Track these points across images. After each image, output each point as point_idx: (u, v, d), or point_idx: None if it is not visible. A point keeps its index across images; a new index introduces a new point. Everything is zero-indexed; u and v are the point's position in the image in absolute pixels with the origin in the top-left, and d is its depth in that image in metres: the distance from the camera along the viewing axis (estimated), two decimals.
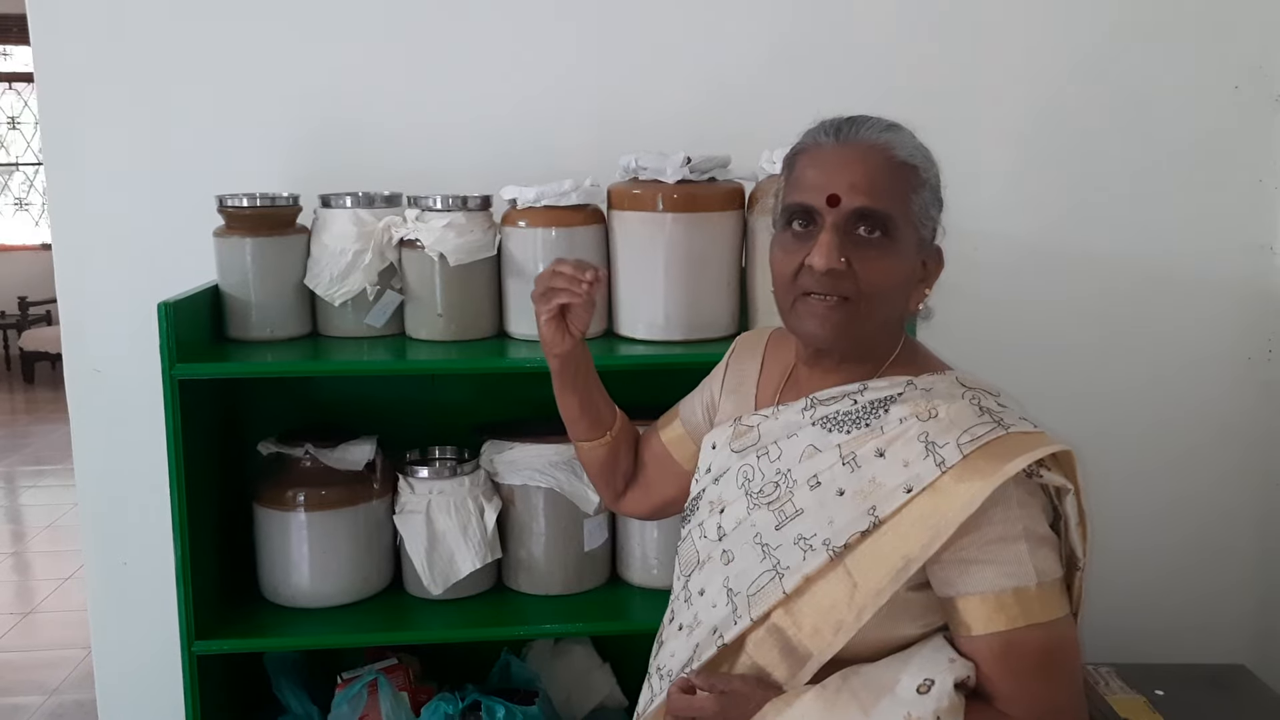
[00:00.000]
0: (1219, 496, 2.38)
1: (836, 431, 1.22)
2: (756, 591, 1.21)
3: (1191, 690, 1.96)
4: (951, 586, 1.14)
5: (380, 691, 1.94)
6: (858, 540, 1.16)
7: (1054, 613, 1.13)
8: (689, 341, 1.89)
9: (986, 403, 1.19)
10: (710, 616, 1.26)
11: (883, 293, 1.19)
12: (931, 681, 1.12)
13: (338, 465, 1.92)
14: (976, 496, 1.11)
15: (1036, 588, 1.12)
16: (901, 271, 1.20)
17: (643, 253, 1.89)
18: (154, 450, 1.99)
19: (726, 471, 1.32)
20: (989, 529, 1.12)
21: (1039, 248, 2.26)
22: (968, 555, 1.13)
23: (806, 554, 1.18)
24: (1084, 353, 2.30)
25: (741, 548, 1.25)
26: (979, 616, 1.13)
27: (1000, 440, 1.14)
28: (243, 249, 1.90)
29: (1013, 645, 1.12)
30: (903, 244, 1.19)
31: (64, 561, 4.61)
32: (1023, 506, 1.13)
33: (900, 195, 1.18)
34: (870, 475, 1.17)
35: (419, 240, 1.89)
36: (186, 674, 1.79)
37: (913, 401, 1.20)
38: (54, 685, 3.45)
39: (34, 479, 5.94)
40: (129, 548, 2.20)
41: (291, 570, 1.92)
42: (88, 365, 2.15)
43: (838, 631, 1.16)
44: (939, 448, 1.15)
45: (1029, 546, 1.13)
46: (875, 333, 1.24)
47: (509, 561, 2.00)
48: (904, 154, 1.19)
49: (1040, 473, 1.15)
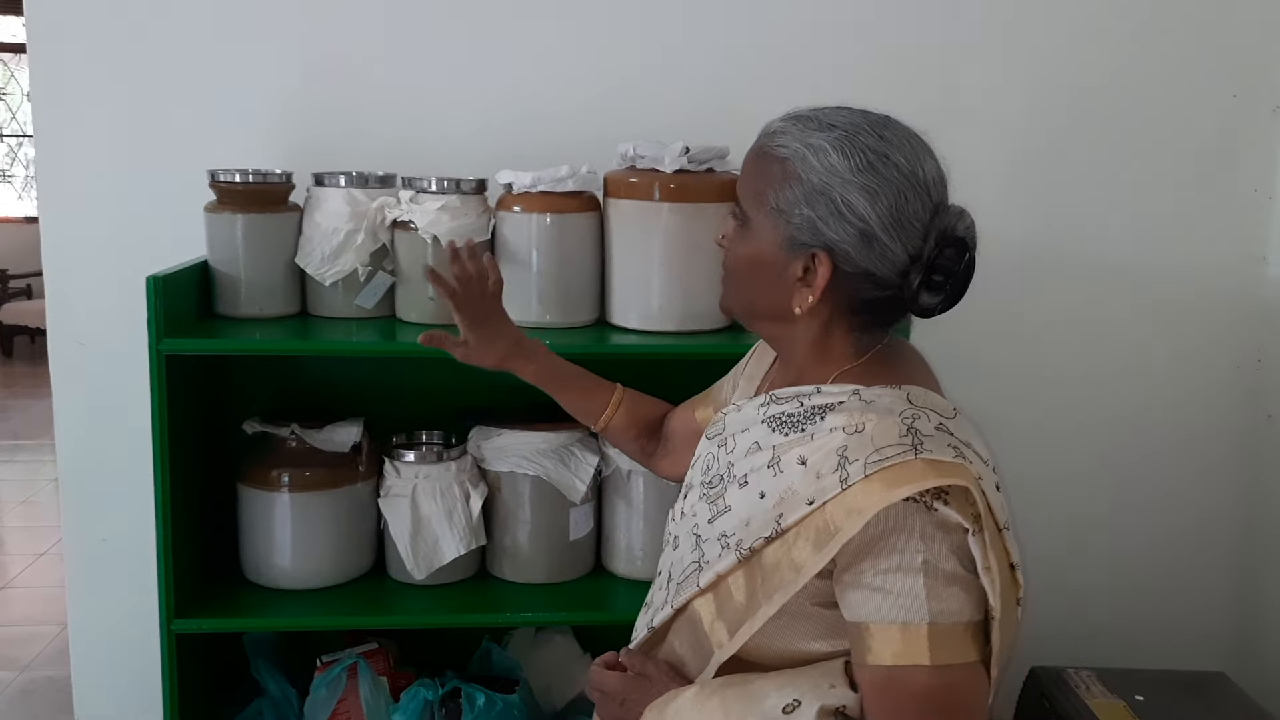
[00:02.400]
0: (1203, 504, 2.39)
1: (777, 433, 1.19)
2: (683, 580, 1.21)
3: (1171, 696, 1.97)
4: (850, 610, 1.09)
5: (360, 675, 1.93)
6: (762, 545, 1.13)
7: (949, 658, 1.05)
8: (682, 332, 1.88)
9: (921, 424, 1.12)
10: (655, 599, 1.28)
11: (733, 274, 1.22)
12: (798, 703, 1.09)
13: (323, 446, 1.90)
14: (860, 517, 1.05)
15: (929, 627, 1.05)
16: (752, 259, 1.18)
17: (637, 242, 1.88)
18: (136, 426, 1.97)
19: (699, 458, 1.32)
20: (889, 557, 1.06)
21: (1030, 253, 2.26)
22: (866, 580, 1.07)
23: (723, 551, 1.17)
24: (1069, 358, 2.31)
25: (684, 535, 1.26)
26: (868, 645, 1.07)
27: (905, 465, 1.07)
28: (234, 225, 1.88)
29: (894, 682, 1.06)
30: (757, 233, 1.16)
31: (39, 537, 4.56)
32: (926, 540, 1.05)
33: (757, 187, 1.16)
34: (788, 483, 1.14)
35: (412, 222, 1.87)
36: (165, 652, 1.77)
37: (849, 412, 1.14)
38: (26, 661, 3.41)
39: (10, 454, 5.87)
40: (109, 524, 2.18)
41: (274, 551, 1.90)
42: (72, 339, 2.13)
43: (734, 633, 1.14)
44: (849, 463, 1.09)
45: (926, 583, 1.05)
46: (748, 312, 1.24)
47: (493, 548, 1.99)
48: (776, 147, 1.15)
49: (936, 506, 1.05)
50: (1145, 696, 1.95)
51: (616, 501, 2.00)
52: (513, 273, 1.89)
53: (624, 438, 1.59)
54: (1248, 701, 2.00)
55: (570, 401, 1.58)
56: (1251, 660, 2.36)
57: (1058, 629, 2.20)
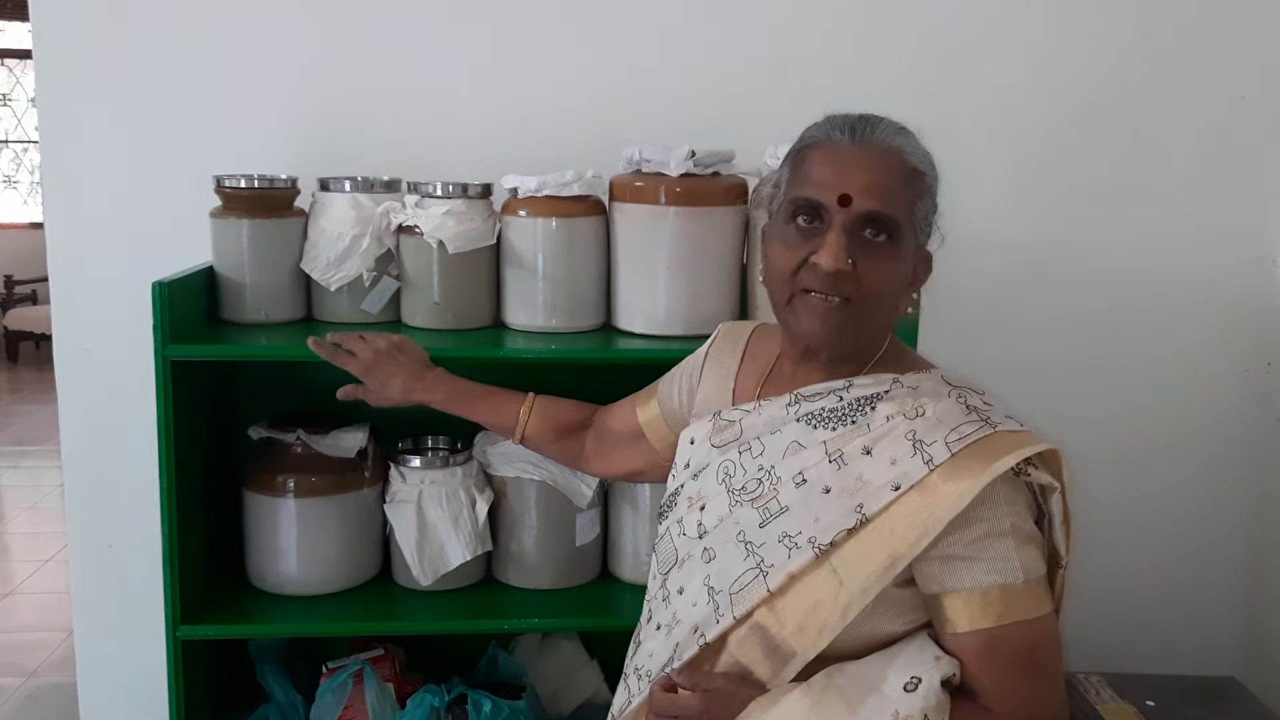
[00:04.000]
0: (1213, 508, 2.37)
1: (822, 428, 1.21)
2: (739, 590, 1.20)
3: (1182, 701, 1.96)
4: (937, 583, 1.14)
5: (366, 682, 1.92)
6: (844, 538, 1.15)
7: (1038, 610, 1.14)
8: (688, 336, 1.87)
9: (973, 401, 1.19)
10: (690, 615, 1.25)
11: (882, 296, 1.19)
12: (919, 680, 1.12)
13: (329, 452, 1.90)
14: (965, 494, 1.11)
15: (1022, 585, 1.12)
16: (901, 276, 1.21)
17: (643, 246, 1.87)
18: (142, 432, 1.96)
19: (706, 467, 1.31)
20: (976, 526, 1.12)
21: (1035, 256, 2.26)
22: (954, 552, 1.13)
23: (791, 552, 1.17)
24: (1077, 362, 2.30)
25: (723, 545, 1.24)
26: (964, 613, 1.13)
27: (988, 439, 1.14)
28: (239, 230, 1.87)
29: (997, 642, 1.13)
30: (905, 249, 1.19)
31: (44, 543, 4.56)
32: (1009, 504, 1.13)
33: (908, 201, 1.18)
34: (857, 473, 1.17)
35: (418, 227, 1.87)
36: (171, 659, 1.76)
37: (899, 399, 1.20)
38: (32, 668, 3.42)
39: (15, 459, 5.88)
40: (114, 530, 2.18)
41: (279, 557, 1.90)
42: (78, 345, 2.13)
43: (822, 630, 1.15)
44: (927, 446, 1.15)
45: (1015, 544, 1.13)
46: (868, 334, 1.24)
47: (499, 554, 1.98)
48: (915, 160, 1.19)
49: (1028, 471, 1.15)
50: (1156, 702, 1.94)
51: (623, 507, 1.99)
52: (518, 277, 1.90)
53: (543, 443, 1.67)
54: (1259, 706, 1.99)
55: (484, 418, 1.69)
56: (1262, 665, 2.35)
57: (1067, 635, 2.18)
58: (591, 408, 1.67)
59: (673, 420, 1.49)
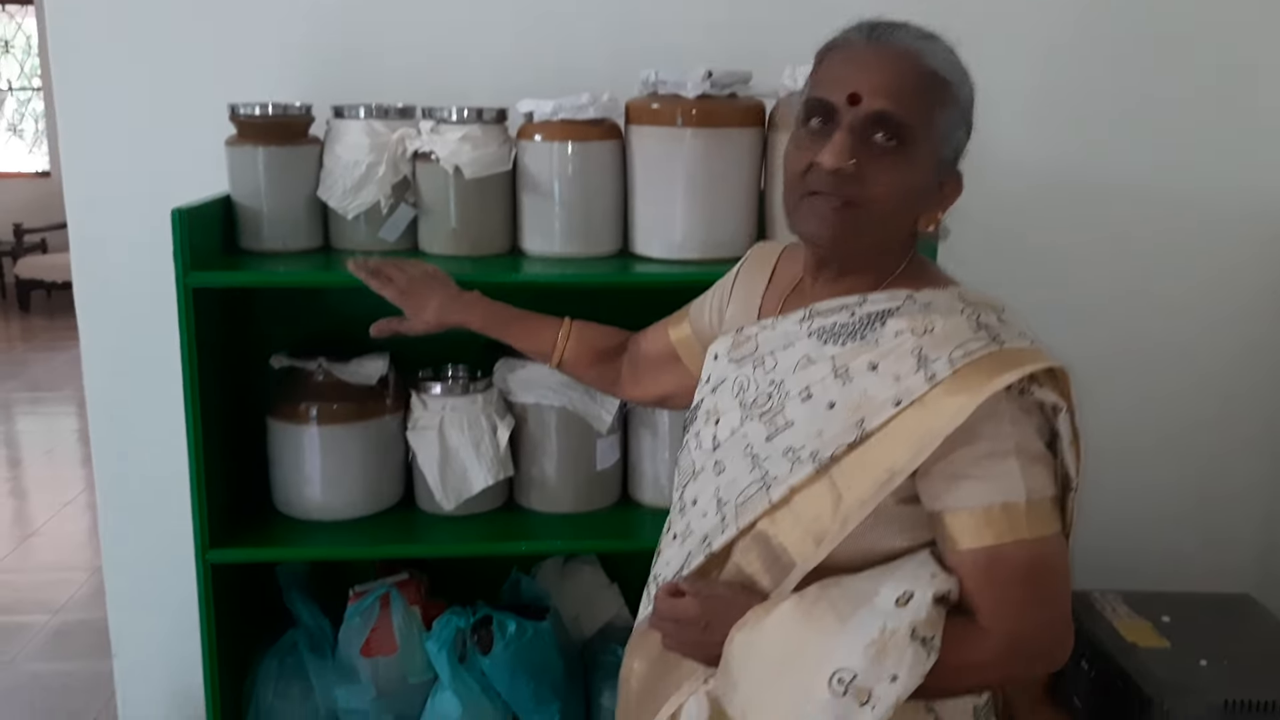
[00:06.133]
0: (1233, 430, 2.38)
1: (831, 343, 1.21)
2: (744, 501, 1.21)
3: (1197, 616, 1.97)
4: (940, 501, 1.13)
5: (392, 605, 1.95)
6: (844, 452, 1.15)
7: (1043, 530, 1.12)
8: (705, 261, 1.87)
9: (985, 319, 1.17)
10: (701, 525, 1.27)
11: (888, 203, 1.15)
12: (910, 594, 1.12)
13: (351, 380, 1.91)
14: (963, 409, 1.09)
15: (1026, 504, 1.11)
16: (911, 185, 1.16)
17: (660, 169, 1.86)
18: (164, 364, 1.98)
19: (724, 382, 1.31)
20: (980, 444, 1.11)
21: (1055, 178, 2.23)
22: (958, 470, 1.11)
23: (794, 465, 1.17)
24: (1099, 286, 2.29)
25: (732, 458, 1.25)
26: (966, 530, 1.12)
27: (993, 355, 1.12)
28: (255, 158, 1.87)
29: (998, 560, 1.11)
30: (918, 157, 1.15)
31: (63, 486, 4.61)
32: (1015, 423, 1.12)
33: (924, 106, 1.14)
34: (862, 388, 1.16)
35: (433, 153, 1.86)
36: (201, 583, 1.79)
37: (910, 316, 1.18)
38: (58, 605, 3.47)
39: (31, 405, 5.93)
40: (139, 463, 2.19)
41: (304, 484, 1.92)
42: (97, 280, 2.13)
43: (821, 542, 1.16)
44: (931, 361, 1.13)
45: (1020, 463, 1.11)
46: (879, 245, 1.21)
47: (521, 479, 2.00)
48: (936, 64, 1.15)
49: (1032, 389, 1.13)
50: (1171, 617, 1.96)
51: (642, 432, 2.01)
52: (534, 203, 1.89)
53: (580, 368, 1.64)
54: (1274, 622, 2.01)
55: (520, 341, 1.65)
56: (1278, 582, 2.37)
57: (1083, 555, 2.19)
58: (626, 333, 1.65)
59: (704, 340, 1.48)
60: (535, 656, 1.93)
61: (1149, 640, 1.88)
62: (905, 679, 1.09)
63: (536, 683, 1.92)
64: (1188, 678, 1.76)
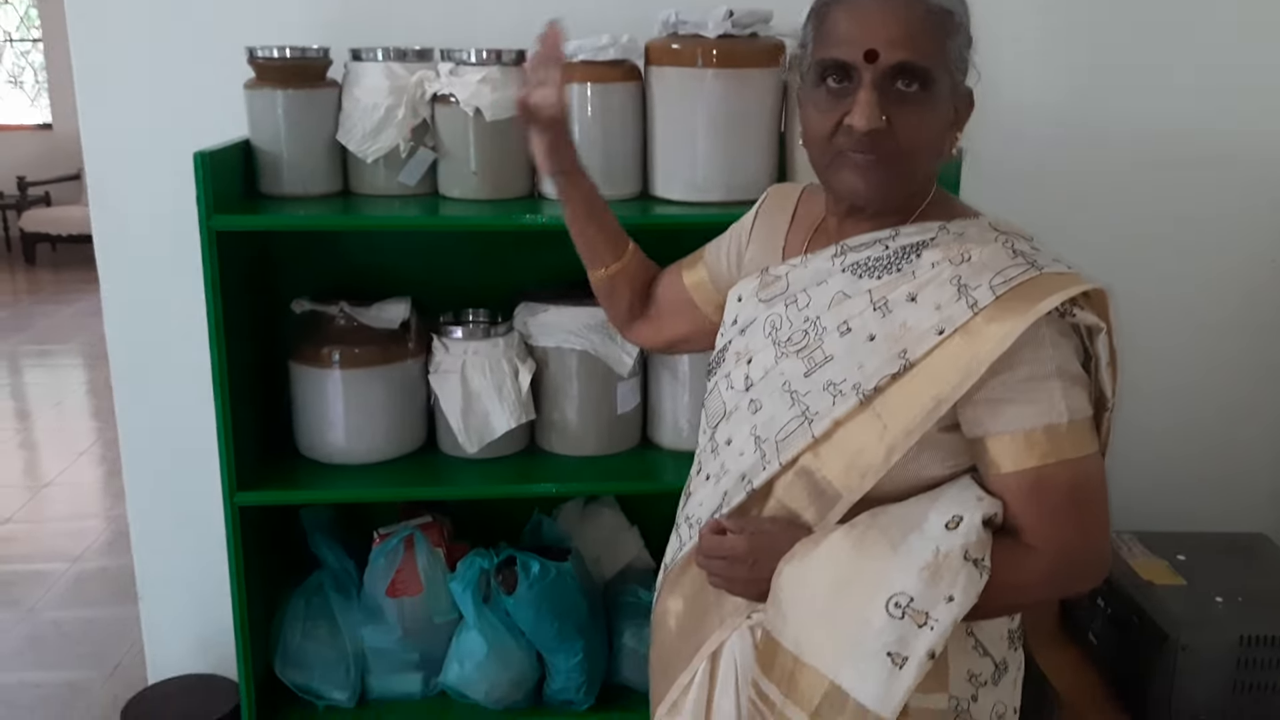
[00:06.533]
0: (1249, 369, 2.38)
1: (867, 277, 1.21)
2: (785, 437, 1.22)
3: (1212, 555, 1.99)
4: (981, 426, 1.15)
5: (416, 547, 1.97)
6: (888, 383, 1.16)
7: (1083, 450, 1.14)
8: (726, 202, 1.87)
9: (1020, 246, 1.18)
10: (738, 464, 1.27)
11: (922, 147, 1.17)
12: (960, 518, 1.14)
13: (373, 324, 1.92)
14: (1009, 335, 1.10)
15: (1068, 425, 1.13)
16: (940, 122, 1.18)
17: (681, 110, 1.85)
18: (185, 311, 1.98)
19: (753, 322, 1.31)
20: (1021, 368, 1.12)
21: (1071, 116, 2.22)
22: (999, 395, 1.13)
23: (836, 399, 1.19)
24: (1117, 225, 2.28)
25: (769, 396, 1.26)
26: (1009, 454, 1.14)
27: (1033, 280, 1.13)
28: (274, 101, 1.86)
29: (1042, 481, 1.13)
30: (939, 93, 1.16)
31: (75, 437, 4.64)
32: (1055, 346, 1.13)
33: (938, 45, 1.14)
34: (901, 320, 1.17)
35: (453, 95, 1.85)
36: (229, 525, 1.81)
37: (945, 246, 1.19)
38: (76, 553, 3.50)
39: (39, 359, 5.94)
40: (161, 410, 2.20)
41: (328, 428, 1.93)
42: (117, 227, 2.12)
43: (866, 473, 1.17)
44: (971, 290, 1.14)
45: (1061, 385, 1.13)
46: (912, 185, 1.22)
47: (542, 423, 2.02)
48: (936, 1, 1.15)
49: (1073, 312, 1.14)
50: (1187, 556, 1.97)
51: (662, 375, 2.02)
52: None
53: (621, 292, 1.56)
54: None
55: (591, 237, 1.53)
56: None
57: None
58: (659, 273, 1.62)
59: (720, 283, 1.48)
60: (559, 596, 1.95)
61: (1165, 578, 1.90)
62: (961, 599, 1.11)
63: (560, 622, 1.95)
64: (1203, 614, 1.78)
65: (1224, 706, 1.73)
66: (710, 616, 1.31)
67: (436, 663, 2.01)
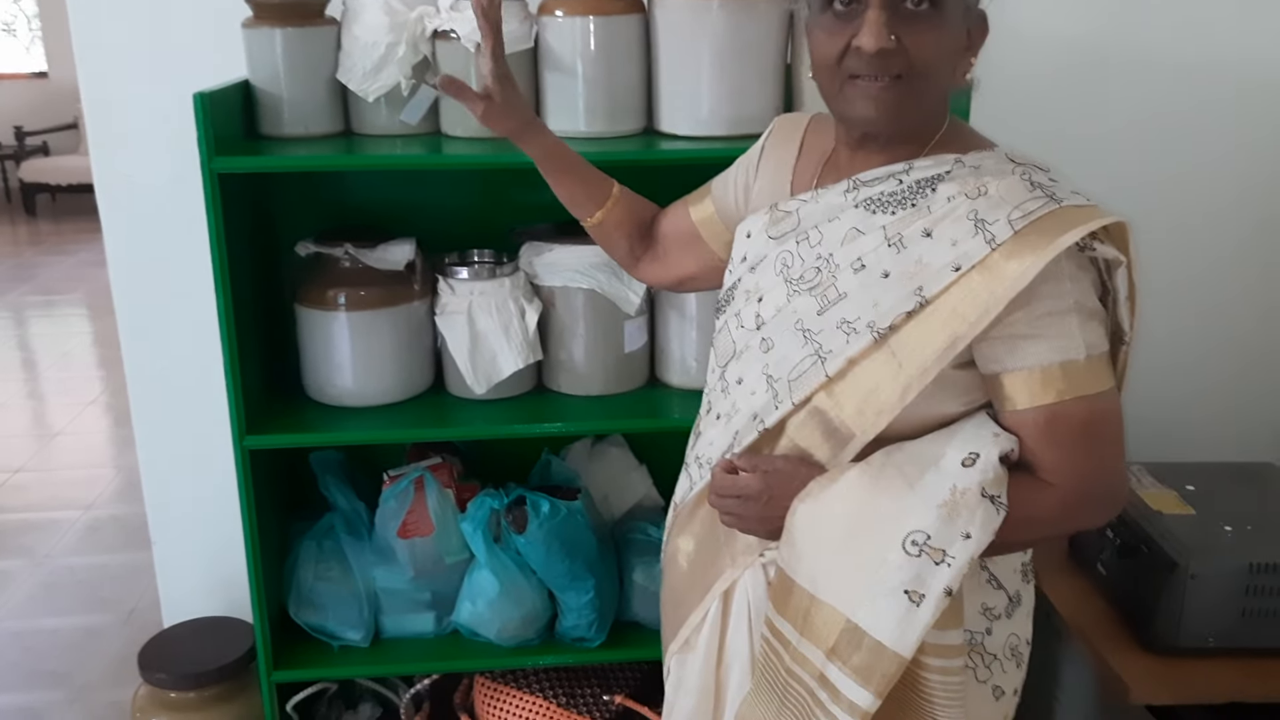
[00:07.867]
0: (1256, 299, 2.37)
1: (881, 213, 1.19)
2: (798, 376, 1.21)
3: (1220, 484, 2.00)
4: (998, 363, 1.14)
5: (426, 488, 1.98)
6: (903, 321, 1.15)
7: (1100, 385, 1.13)
8: (732, 137, 1.84)
9: (1037, 178, 1.16)
10: (749, 404, 1.27)
11: (934, 68, 1.14)
12: (976, 455, 1.13)
13: (377, 265, 1.90)
14: (1028, 271, 1.08)
15: (1084, 360, 1.11)
16: (951, 43, 1.15)
17: (686, 43, 1.82)
18: (188, 256, 1.98)
19: (764, 259, 1.29)
20: (1038, 304, 1.10)
21: (1095, 51, 2.18)
22: (1016, 331, 1.11)
23: (850, 337, 1.17)
24: (1137, 161, 2.25)
25: (781, 334, 1.24)
26: (1025, 390, 1.13)
27: (1053, 214, 1.11)
28: (272, 40, 1.83)
29: (1058, 417, 1.12)
30: (950, 12, 1.13)
31: (81, 387, 4.65)
32: (1074, 280, 1.11)
33: None
34: (917, 256, 1.15)
35: (454, 31, 1.82)
36: (240, 468, 1.81)
37: (961, 179, 1.16)
38: (88, 501, 3.53)
39: (43, 309, 5.94)
40: (168, 356, 2.20)
41: (335, 371, 1.93)
42: (119, 174, 2.10)
43: (881, 411, 1.16)
44: (989, 225, 1.12)
45: (1079, 320, 1.11)
46: (925, 111, 1.20)
47: (549, 363, 2.01)
48: None
49: (1093, 245, 1.12)
50: (1195, 486, 1.98)
51: (670, 313, 2.01)
52: (557, 81, 1.86)
53: (616, 235, 1.57)
54: None
55: (569, 189, 1.54)
56: None
57: None
58: (660, 210, 1.61)
59: (728, 218, 1.46)
60: (569, 535, 1.96)
61: (1173, 508, 1.91)
62: (978, 536, 1.11)
63: (571, 560, 1.96)
64: (1212, 542, 1.79)
65: (1233, 632, 1.75)
66: (722, 555, 1.31)
67: (449, 602, 2.03)
